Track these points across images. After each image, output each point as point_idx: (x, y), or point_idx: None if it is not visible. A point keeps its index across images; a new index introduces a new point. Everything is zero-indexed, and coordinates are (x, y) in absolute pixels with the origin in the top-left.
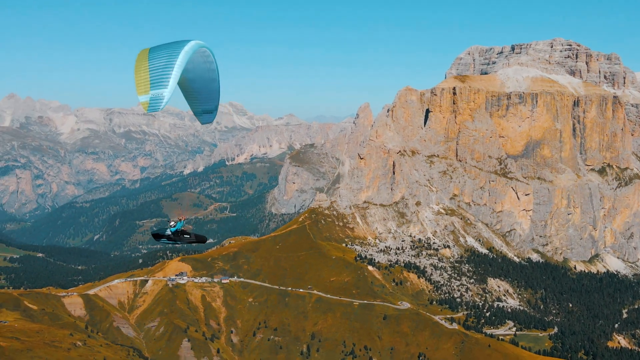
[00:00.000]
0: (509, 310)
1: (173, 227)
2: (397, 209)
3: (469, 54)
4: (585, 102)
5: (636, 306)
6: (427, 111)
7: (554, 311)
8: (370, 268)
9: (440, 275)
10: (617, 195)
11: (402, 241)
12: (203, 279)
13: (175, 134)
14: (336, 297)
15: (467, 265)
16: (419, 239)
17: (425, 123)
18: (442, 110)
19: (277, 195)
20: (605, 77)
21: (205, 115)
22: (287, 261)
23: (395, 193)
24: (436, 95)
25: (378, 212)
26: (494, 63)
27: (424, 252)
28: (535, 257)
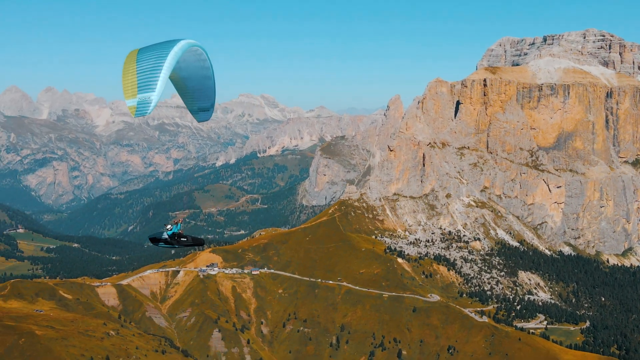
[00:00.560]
0: (540, 303)
1: (169, 231)
2: (427, 201)
3: (500, 45)
4: (618, 94)
5: None
6: (458, 103)
7: (586, 305)
8: (399, 260)
9: (470, 267)
10: None
11: (432, 233)
12: (233, 270)
13: (207, 126)
14: (366, 289)
15: (498, 258)
16: (449, 232)
17: (455, 115)
18: (473, 102)
19: (308, 187)
20: (639, 68)
21: (201, 113)
22: (317, 253)
23: (425, 185)
24: (467, 86)
25: (408, 204)
26: (526, 54)
27: (454, 245)
28: (567, 250)
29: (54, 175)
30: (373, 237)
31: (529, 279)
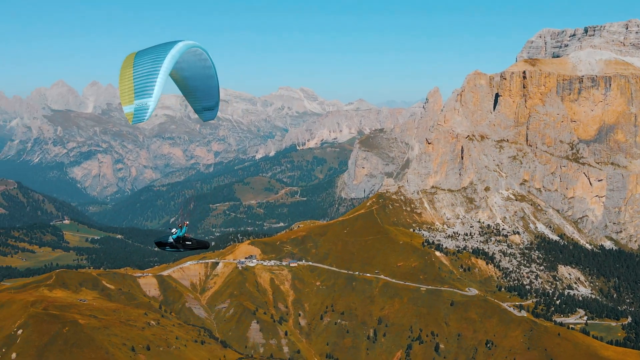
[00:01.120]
0: (580, 298)
1: (174, 235)
2: (466, 195)
3: (541, 37)
4: None
5: None
6: (497, 95)
7: (628, 300)
8: (437, 254)
9: (509, 261)
10: None
11: (471, 227)
12: (272, 262)
13: (247, 119)
14: (403, 282)
15: (537, 252)
16: (488, 225)
17: (494, 107)
18: (512, 94)
19: (347, 179)
20: None
21: (206, 112)
22: (355, 245)
23: (463, 178)
24: (506, 79)
25: (446, 198)
26: (566, 46)
27: (493, 238)
28: (608, 245)
29: (99, 167)
30: (411, 230)
31: (569, 274)
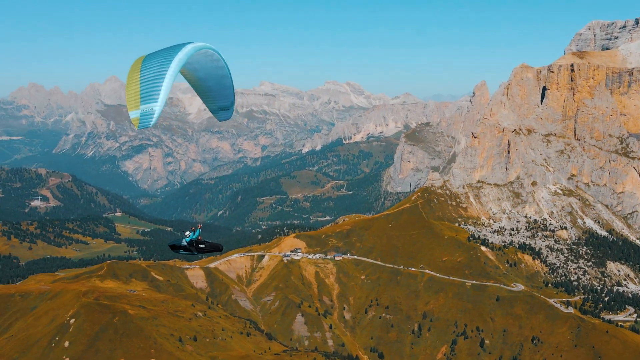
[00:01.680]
0: (630, 295)
1: (188, 238)
2: (512, 189)
3: (590, 29)
4: None
5: None
6: (544, 89)
7: None
8: (483, 248)
9: (556, 257)
10: None
11: (517, 222)
12: (317, 256)
13: (294, 114)
14: (448, 277)
15: (585, 247)
16: (535, 220)
17: (541, 101)
18: (560, 87)
19: (393, 173)
20: None
21: (222, 112)
22: (399, 240)
23: (510, 173)
24: (553, 72)
25: (492, 192)
26: (616, 38)
27: (540, 234)
28: None
29: (150, 161)
30: (456, 225)
31: (618, 270)
